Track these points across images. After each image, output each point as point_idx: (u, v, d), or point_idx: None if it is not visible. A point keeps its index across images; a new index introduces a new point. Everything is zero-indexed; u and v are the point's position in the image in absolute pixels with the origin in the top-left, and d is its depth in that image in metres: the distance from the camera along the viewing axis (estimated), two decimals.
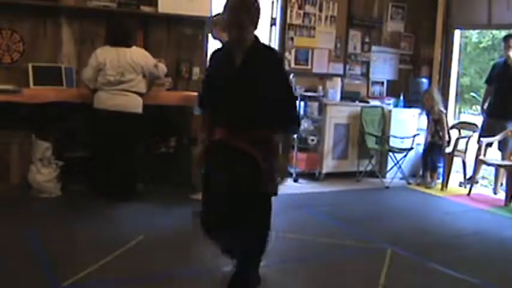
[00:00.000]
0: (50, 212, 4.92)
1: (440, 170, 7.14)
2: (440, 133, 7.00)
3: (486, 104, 7.06)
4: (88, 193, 5.43)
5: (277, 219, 5.19)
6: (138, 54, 5.29)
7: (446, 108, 7.69)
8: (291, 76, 6.76)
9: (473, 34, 11.25)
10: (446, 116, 7.17)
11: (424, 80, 7.78)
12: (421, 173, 7.21)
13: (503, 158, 6.75)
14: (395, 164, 6.99)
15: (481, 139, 6.66)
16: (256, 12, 3.08)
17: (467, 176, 7.03)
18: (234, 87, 3.09)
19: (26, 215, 4.73)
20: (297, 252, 4.41)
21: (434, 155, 7.04)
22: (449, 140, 7.09)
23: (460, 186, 7.08)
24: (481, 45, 11.60)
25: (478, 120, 7.38)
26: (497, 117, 6.77)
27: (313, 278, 3.86)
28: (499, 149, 6.84)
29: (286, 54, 6.98)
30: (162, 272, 3.77)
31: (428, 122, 7.16)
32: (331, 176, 7.01)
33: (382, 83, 7.83)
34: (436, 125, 7.03)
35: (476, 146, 6.82)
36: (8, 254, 3.84)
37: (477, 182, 7.03)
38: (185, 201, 5.46)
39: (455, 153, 6.94)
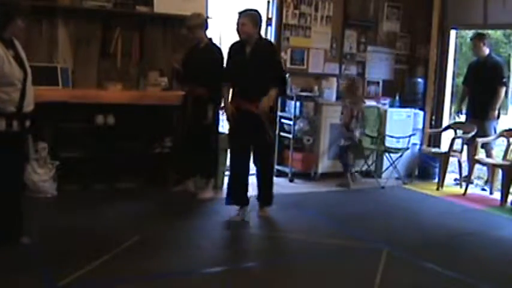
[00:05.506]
0: (46, 212, 4.91)
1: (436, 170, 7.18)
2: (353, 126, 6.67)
3: (464, 105, 7.15)
4: (83, 193, 5.42)
5: (273, 219, 5.25)
6: None
7: (442, 108, 7.73)
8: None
9: (469, 34, 11.26)
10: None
11: (420, 80, 7.79)
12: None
13: (487, 156, 6.85)
14: (390, 164, 6.99)
15: (477, 139, 6.67)
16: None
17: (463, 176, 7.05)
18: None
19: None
20: (292, 252, 4.42)
21: (348, 154, 6.78)
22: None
23: (455, 183, 7.11)
24: None
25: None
26: (475, 117, 6.83)
27: (308, 278, 3.86)
28: (482, 146, 6.89)
29: (282, 54, 6.97)
30: (158, 272, 3.77)
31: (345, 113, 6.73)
32: (326, 176, 7.01)
33: (378, 83, 7.83)
34: (355, 118, 6.67)
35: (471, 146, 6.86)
36: (4, 253, 3.82)
37: (472, 182, 7.03)
38: (182, 201, 5.48)
39: (451, 153, 6.95)
